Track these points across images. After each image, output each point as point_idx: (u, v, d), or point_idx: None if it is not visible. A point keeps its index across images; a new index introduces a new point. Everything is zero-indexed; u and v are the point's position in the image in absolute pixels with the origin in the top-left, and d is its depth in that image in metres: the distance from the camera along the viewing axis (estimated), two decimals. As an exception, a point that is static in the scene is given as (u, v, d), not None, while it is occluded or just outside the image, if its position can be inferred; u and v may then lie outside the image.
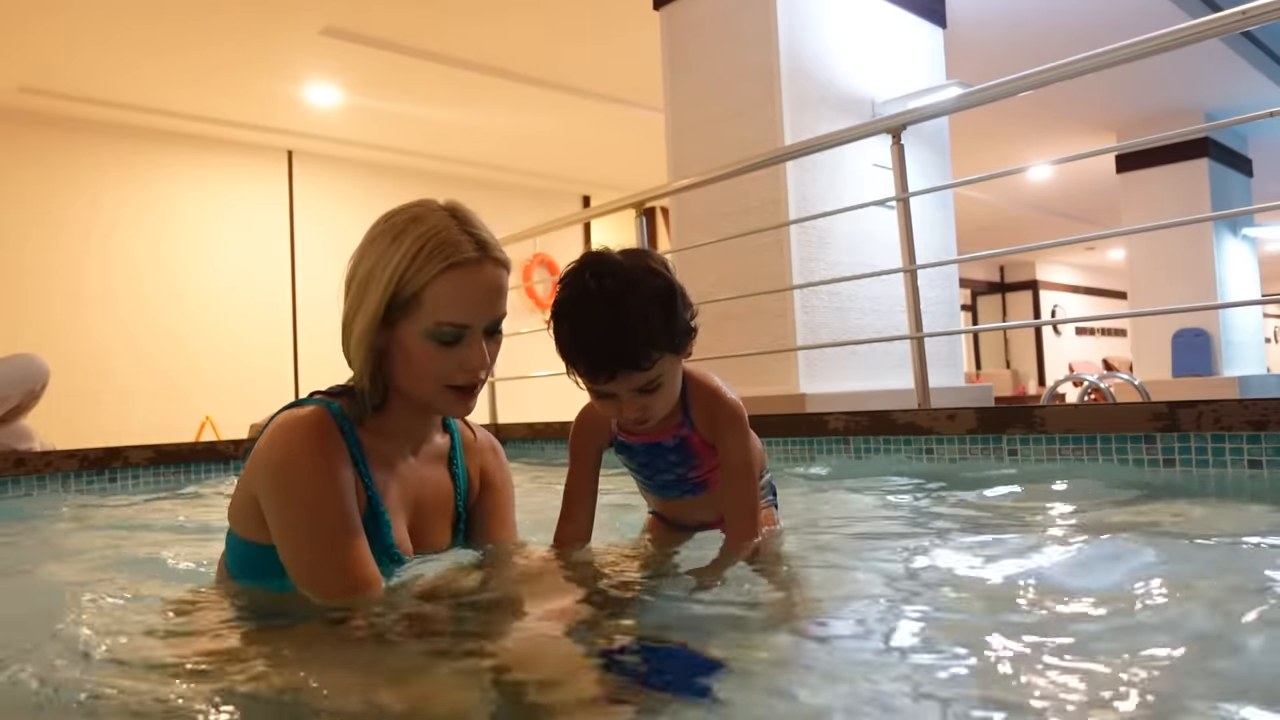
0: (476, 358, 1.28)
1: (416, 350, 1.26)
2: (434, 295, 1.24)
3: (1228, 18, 2.38)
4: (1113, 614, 1.06)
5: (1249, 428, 2.16)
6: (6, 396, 3.59)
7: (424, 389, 1.30)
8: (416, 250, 1.24)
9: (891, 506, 2.13)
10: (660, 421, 1.36)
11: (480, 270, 1.26)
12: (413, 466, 1.39)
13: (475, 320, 1.27)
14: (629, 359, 1.22)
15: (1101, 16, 5.68)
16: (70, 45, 5.69)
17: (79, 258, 6.86)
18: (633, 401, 1.26)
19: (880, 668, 0.90)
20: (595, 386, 1.27)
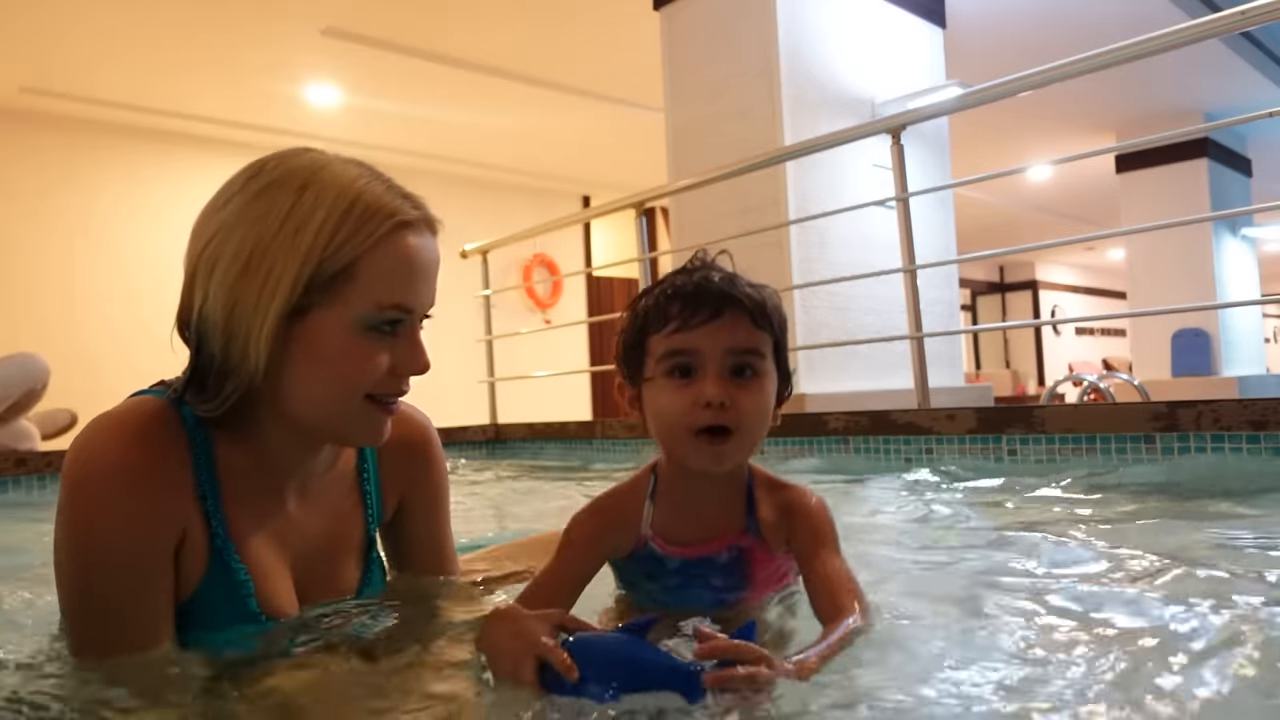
0: (419, 357, 0.97)
1: (339, 347, 0.91)
2: (373, 267, 0.90)
3: (1228, 18, 2.38)
4: (1111, 613, 1.07)
5: (1248, 428, 2.17)
6: (6, 395, 3.60)
7: (336, 403, 0.93)
8: (346, 208, 0.90)
9: (891, 507, 2.13)
10: (711, 523, 1.04)
11: (424, 235, 0.96)
12: (293, 502, 1.03)
13: (419, 303, 0.96)
14: (746, 296, 0.99)
15: (1101, 16, 5.68)
16: (70, 45, 5.69)
17: (79, 257, 6.86)
18: (721, 380, 0.96)
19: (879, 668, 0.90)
20: (684, 333, 0.97)
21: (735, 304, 0.98)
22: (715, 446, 0.97)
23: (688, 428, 0.97)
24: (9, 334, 6.08)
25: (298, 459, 1.02)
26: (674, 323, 0.98)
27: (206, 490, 0.93)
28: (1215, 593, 1.11)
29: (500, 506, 2.84)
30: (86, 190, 6.93)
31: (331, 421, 0.95)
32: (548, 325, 8.96)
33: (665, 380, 0.99)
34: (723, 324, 0.97)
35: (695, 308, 0.97)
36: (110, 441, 0.88)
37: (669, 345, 0.98)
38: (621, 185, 8.44)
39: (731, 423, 0.97)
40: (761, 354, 1.00)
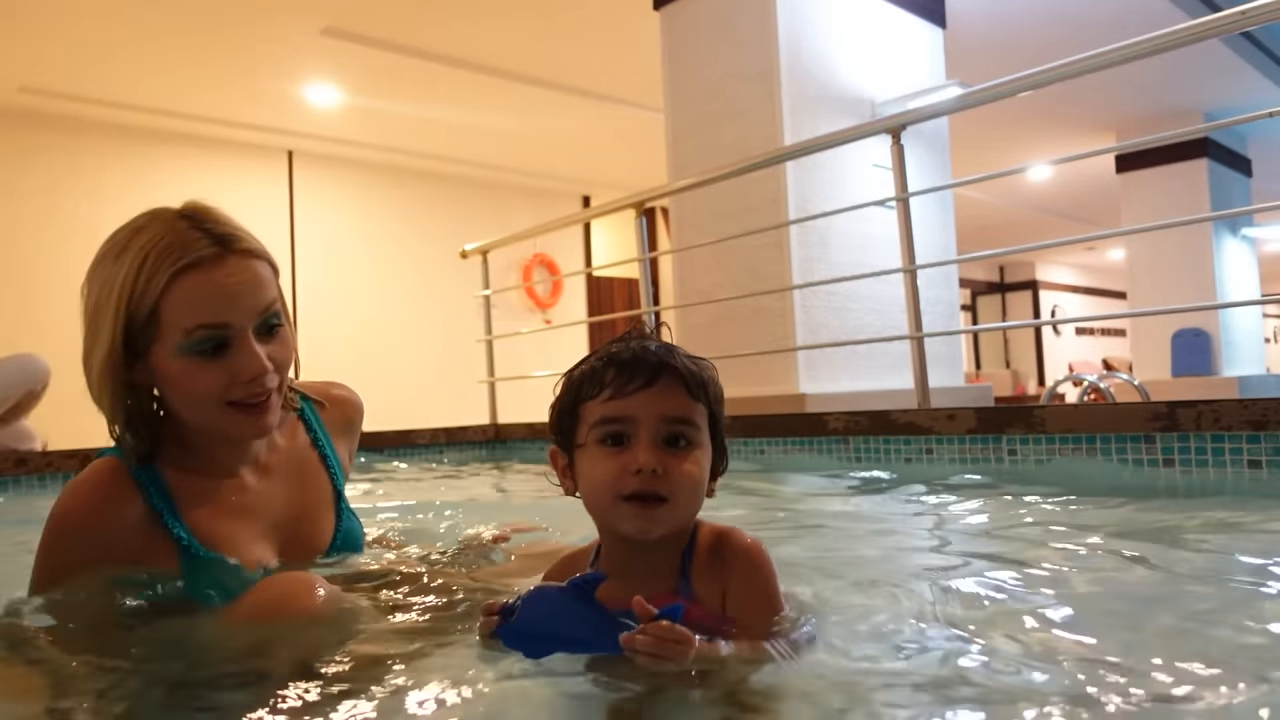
0: (252, 362, 1.12)
1: (176, 372, 1.11)
2: (171, 306, 1.08)
3: (1228, 18, 2.38)
4: (1110, 612, 1.07)
5: (1249, 428, 2.17)
6: (7, 396, 3.60)
7: (202, 414, 1.14)
8: (139, 264, 1.09)
9: (890, 507, 2.13)
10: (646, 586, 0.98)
11: (222, 265, 1.10)
12: (255, 485, 1.25)
13: (234, 317, 1.11)
14: (681, 366, 0.99)
15: (1101, 16, 5.68)
16: (70, 45, 5.69)
17: (79, 257, 6.75)
18: (653, 448, 0.96)
19: (876, 670, 0.90)
20: (618, 400, 0.97)
21: (671, 372, 0.98)
22: (647, 511, 0.95)
23: (617, 494, 0.96)
24: (10, 334, 6.08)
25: (233, 451, 1.23)
26: (608, 389, 0.97)
27: (163, 510, 1.14)
28: (1216, 594, 1.11)
29: (501, 507, 2.84)
30: (87, 190, 6.93)
31: (210, 427, 1.16)
32: (548, 325, 8.96)
33: (597, 448, 0.98)
34: (657, 391, 0.97)
35: (630, 375, 0.97)
36: (67, 506, 1.12)
37: (603, 412, 0.97)
38: (621, 185, 8.44)
39: (665, 490, 0.95)
40: (696, 425, 0.99)
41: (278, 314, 1.16)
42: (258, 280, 1.13)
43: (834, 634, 0.99)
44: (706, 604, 1.00)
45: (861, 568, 1.44)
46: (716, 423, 1.03)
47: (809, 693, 0.84)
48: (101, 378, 1.13)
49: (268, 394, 1.15)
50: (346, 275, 8.02)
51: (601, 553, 1.06)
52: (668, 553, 1.02)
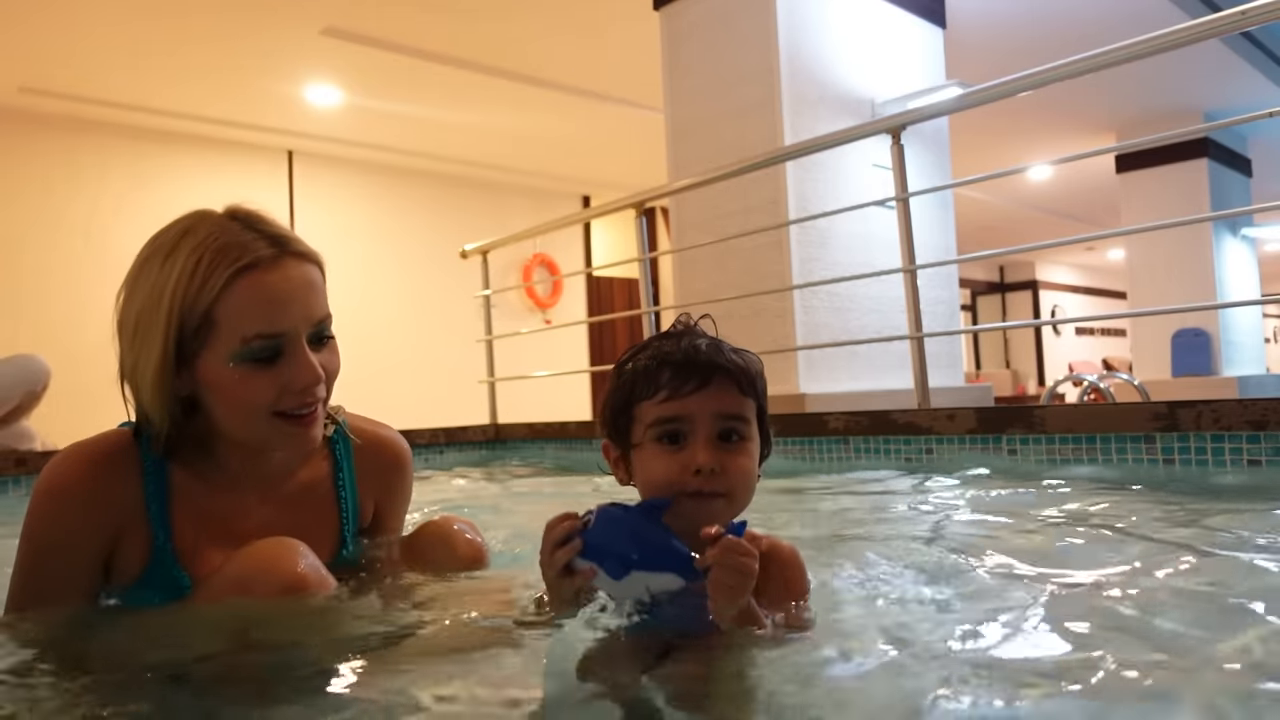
0: (307, 371, 1.08)
1: (227, 381, 1.06)
2: (228, 311, 1.04)
3: (1228, 18, 2.38)
4: (1109, 611, 1.07)
5: (1249, 428, 2.17)
6: (7, 397, 3.59)
7: (251, 426, 1.10)
8: (194, 266, 1.03)
9: (891, 507, 2.13)
10: None
11: (280, 267, 1.07)
12: (256, 508, 1.19)
13: (290, 325, 1.07)
14: (732, 364, 1.03)
15: (1101, 16, 5.68)
16: (70, 45, 5.69)
17: (79, 258, 6.86)
18: (710, 445, 1.00)
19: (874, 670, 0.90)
20: (674, 401, 1.01)
21: (723, 372, 1.02)
22: (705, 505, 0.99)
23: (678, 492, 1.00)
24: (10, 335, 6.08)
25: (252, 468, 1.18)
26: (664, 391, 1.01)
27: (153, 506, 1.11)
28: (1215, 594, 1.11)
29: (499, 506, 2.84)
30: (87, 190, 6.93)
31: (254, 439, 1.12)
32: (548, 325, 8.96)
33: (655, 446, 1.02)
34: (711, 392, 1.01)
35: (685, 376, 1.01)
36: (67, 465, 1.09)
37: (660, 413, 1.01)
38: (621, 185, 8.45)
39: (723, 487, 1.00)
40: (747, 419, 1.04)
41: (329, 323, 1.14)
42: (313, 286, 1.11)
43: (829, 631, 0.99)
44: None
45: (859, 567, 1.44)
46: (763, 414, 1.08)
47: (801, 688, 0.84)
48: (155, 390, 1.06)
49: (316, 404, 1.12)
50: (346, 275, 8.00)
51: None
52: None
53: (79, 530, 1.09)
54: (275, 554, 1.05)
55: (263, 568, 1.03)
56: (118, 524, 1.10)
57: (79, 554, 1.10)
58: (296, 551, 1.06)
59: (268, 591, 1.02)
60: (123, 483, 1.10)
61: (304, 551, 1.06)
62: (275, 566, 1.03)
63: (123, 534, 1.11)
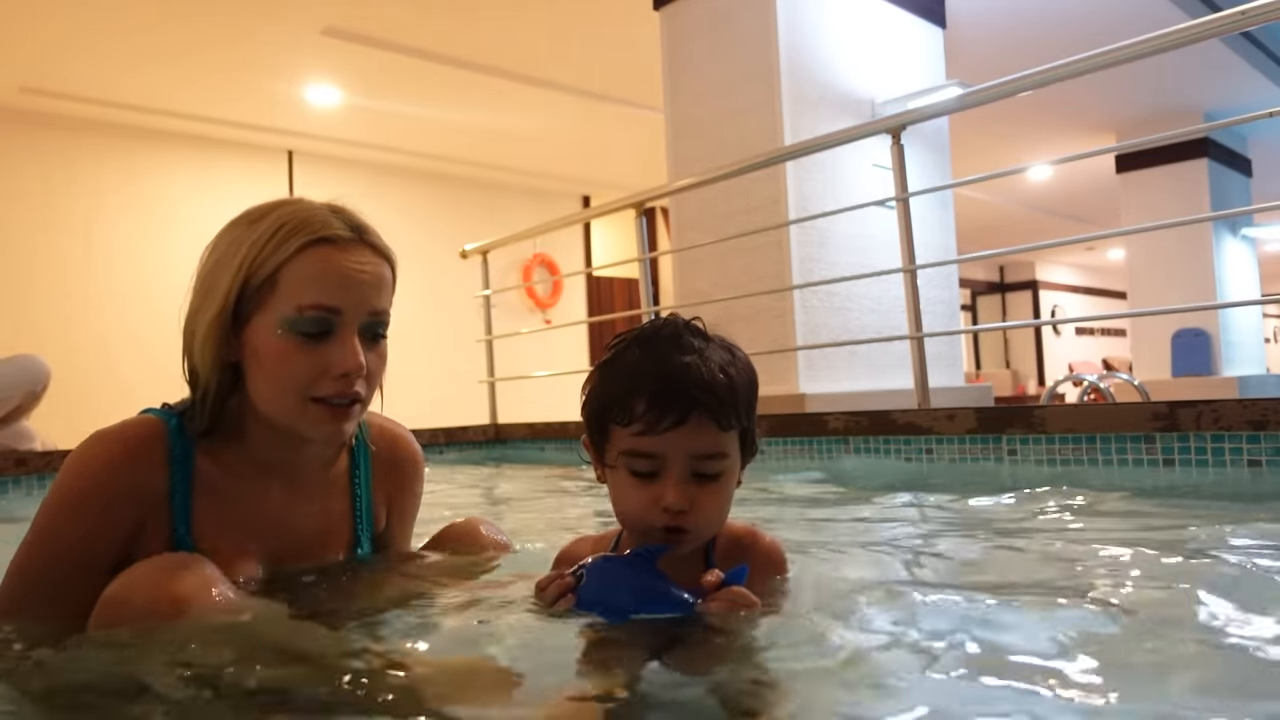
0: (350, 357, 1.05)
1: (272, 349, 1.04)
2: (293, 275, 1.03)
3: (1228, 18, 2.38)
4: (1107, 611, 1.07)
5: (1249, 428, 2.17)
6: (7, 397, 3.59)
7: (283, 403, 1.06)
8: (275, 229, 1.04)
9: (889, 507, 2.13)
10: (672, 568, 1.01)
11: (354, 250, 1.07)
12: (278, 499, 1.16)
13: (348, 305, 1.05)
14: (713, 398, 0.95)
15: (1101, 16, 5.68)
16: (70, 45, 5.69)
17: (79, 258, 6.86)
18: (681, 485, 0.96)
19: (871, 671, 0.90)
20: (648, 436, 0.95)
21: (702, 408, 0.95)
22: (674, 538, 0.98)
23: (647, 525, 0.98)
24: (10, 335, 6.08)
25: (282, 456, 1.15)
26: (638, 424, 0.95)
27: (176, 494, 1.07)
28: (1215, 594, 1.11)
29: (499, 506, 2.84)
30: (87, 190, 6.93)
31: (285, 419, 1.07)
32: (548, 325, 8.96)
33: (627, 475, 0.98)
34: (688, 430, 0.95)
35: (661, 411, 0.94)
36: (90, 453, 1.05)
37: (632, 446, 0.97)
38: (621, 185, 8.45)
39: (691, 524, 0.97)
40: (725, 455, 0.99)
41: (386, 323, 1.12)
42: (381, 279, 1.09)
43: (822, 628, 0.99)
44: None
45: (856, 566, 1.44)
46: (748, 433, 1.04)
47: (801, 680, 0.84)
48: (206, 339, 1.06)
49: (354, 398, 1.08)
50: (346, 275, 7.99)
51: (623, 542, 1.08)
52: (690, 555, 1.04)
53: (104, 523, 1.04)
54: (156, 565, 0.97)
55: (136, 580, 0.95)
56: (141, 516, 1.06)
57: (99, 548, 1.05)
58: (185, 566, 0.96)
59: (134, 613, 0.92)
60: (150, 471, 1.06)
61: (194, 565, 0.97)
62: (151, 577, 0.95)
63: (145, 527, 1.07)
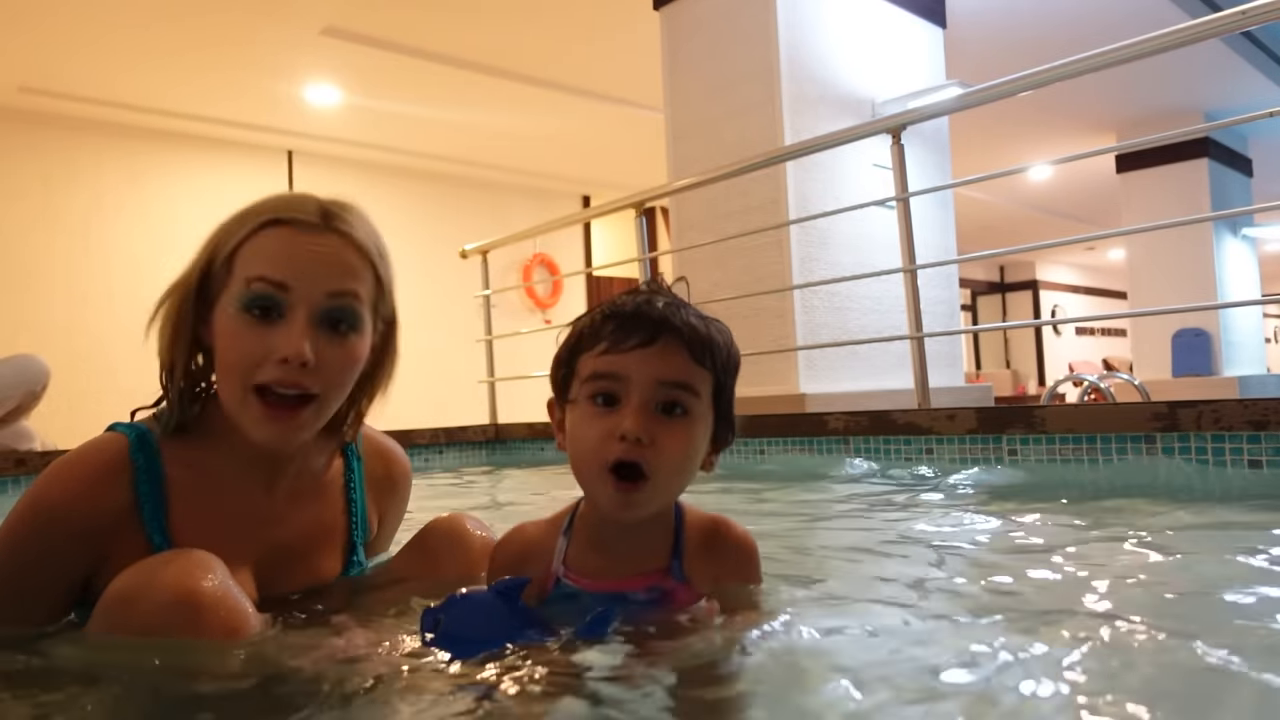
0: (293, 340, 0.98)
1: (226, 329, 1.01)
2: (249, 251, 1.01)
3: (1228, 18, 2.38)
4: (1106, 612, 1.06)
5: (1249, 428, 2.17)
6: (7, 397, 3.59)
7: (228, 390, 1.02)
8: (243, 212, 1.04)
9: (889, 506, 2.13)
10: (630, 560, 0.97)
11: (313, 234, 1.02)
12: (265, 502, 1.12)
13: (298, 283, 0.99)
14: (687, 327, 0.91)
15: (1101, 17, 5.68)
16: (70, 45, 5.69)
17: (79, 258, 6.86)
18: (644, 413, 0.89)
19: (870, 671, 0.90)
20: (612, 355, 0.91)
21: (673, 332, 0.91)
22: (625, 493, 0.90)
23: (600, 461, 0.90)
24: (10, 335, 6.08)
25: (261, 458, 1.10)
26: (604, 343, 0.92)
27: (145, 505, 1.03)
28: (1214, 595, 1.11)
29: (500, 507, 2.84)
30: (87, 190, 6.93)
31: (233, 413, 1.03)
32: (548, 325, 8.96)
33: (587, 405, 0.92)
34: (656, 351, 0.90)
35: (629, 330, 0.91)
36: (51, 481, 1.03)
37: (595, 367, 0.92)
38: (621, 185, 8.44)
39: (648, 464, 0.89)
40: (695, 392, 0.92)
41: (353, 313, 1.03)
42: (343, 262, 1.02)
43: (815, 627, 0.98)
44: (696, 588, 0.98)
45: (854, 565, 1.44)
46: (723, 391, 0.97)
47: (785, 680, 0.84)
48: (167, 318, 1.05)
49: (301, 393, 1.01)
50: (346, 275, 7.99)
51: (578, 520, 1.02)
52: (655, 531, 0.99)
53: (59, 550, 1.01)
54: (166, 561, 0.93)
55: (146, 580, 0.90)
56: (105, 540, 1.02)
57: (56, 572, 1.02)
58: (198, 564, 0.92)
59: (150, 608, 0.88)
60: (109, 491, 1.02)
61: (212, 566, 0.92)
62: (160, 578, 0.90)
63: (112, 550, 1.02)
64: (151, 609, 0.88)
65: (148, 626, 0.88)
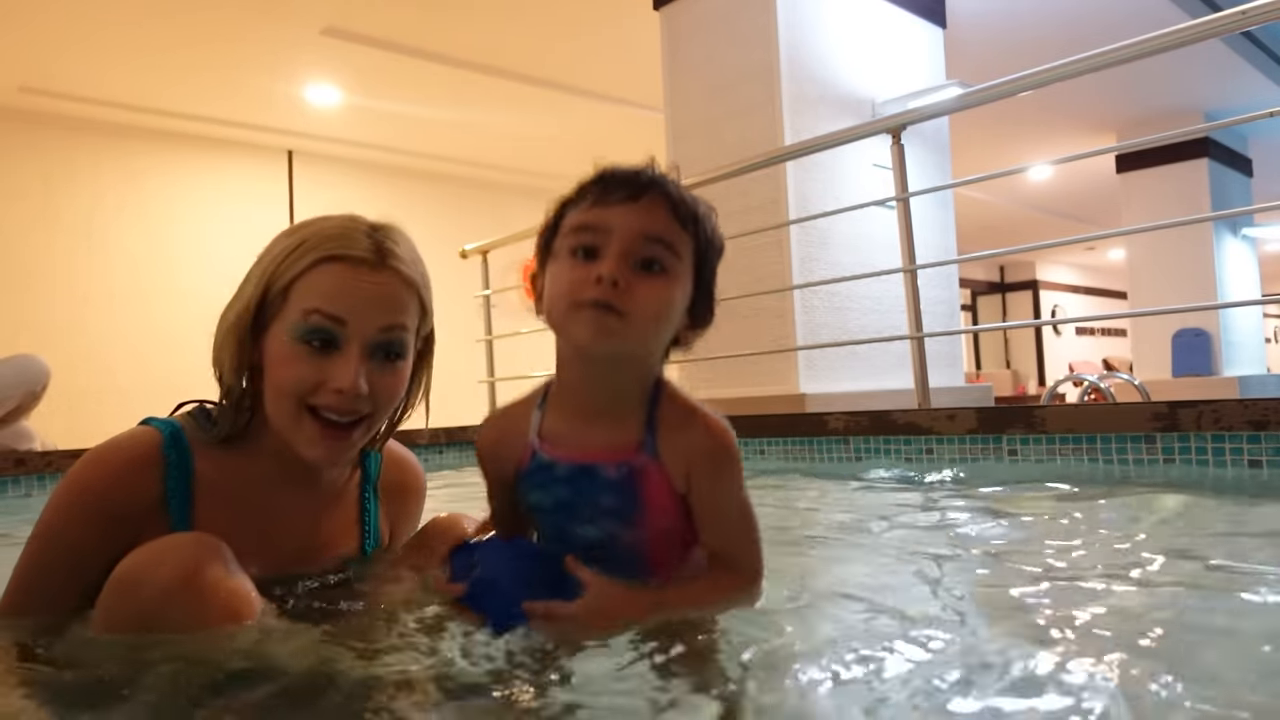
0: (347, 374, 1.04)
1: (279, 355, 1.06)
2: (306, 284, 1.06)
3: (1228, 18, 2.38)
4: (1107, 611, 1.06)
5: (1249, 428, 2.17)
6: (7, 398, 3.59)
7: (281, 408, 1.07)
8: (300, 242, 1.08)
9: (889, 507, 2.13)
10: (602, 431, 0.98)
11: (372, 272, 1.07)
12: (287, 505, 1.17)
13: (354, 318, 1.06)
14: (672, 186, 0.96)
15: (1101, 17, 5.68)
16: (70, 45, 5.69)
17: (79, 257, 6.86)
18: (623, 263, 0.91)
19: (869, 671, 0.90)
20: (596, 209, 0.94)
21: (658, 190, 0.94)
22: (600, 318, 0.90)
23: (575, 300, 0.92)
24: (10, 335, 6.08)
25: (293, 467, 1.14)
26: (590, 197, 0.95)
27: (174, 499, 1.08)
28: (1214, 594, 1.11)
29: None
30: (87, 190, 6.93)
31: (285, 429, 1.08)
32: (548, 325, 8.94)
33: (567, 259, 0.95)
34: (639, 206, 0.93)
35: (615, 186, 0.94)
36: (89, 464, 1.07)
37: (579, 220, 0.95)
38: (621, 185, 8.41)
39: (624, 306, 0.90)
40: (675, 252, 0.94)
41: (401, 343, 1.10)
42: (395, 298, 1.08)
43: (810, 624, 0.99)
44: (668, 470, 0.97)
45: (854, 565, 1.44)
46: (704, 263, 0.98)
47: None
48: (226, 340, 1.10)
49: (355, 419, 1.08)
50: (346, 275, 7.99)
51: (551, 394, 1.05)
52: (629, 398, 0.99)
53: (97, 532, 1.05)
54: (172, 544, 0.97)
55: (154, 560, 0.94)
56: (136, 527, 1.05)
57: (92, 555, 1.05)
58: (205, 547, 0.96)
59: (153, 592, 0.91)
60: (140, 482, 1.07)
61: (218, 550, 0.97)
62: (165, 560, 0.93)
63: (140, 539, 1.03)
64: (154, 592, 0.91)
65: (151, 609, 0.90)
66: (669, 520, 0.98)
